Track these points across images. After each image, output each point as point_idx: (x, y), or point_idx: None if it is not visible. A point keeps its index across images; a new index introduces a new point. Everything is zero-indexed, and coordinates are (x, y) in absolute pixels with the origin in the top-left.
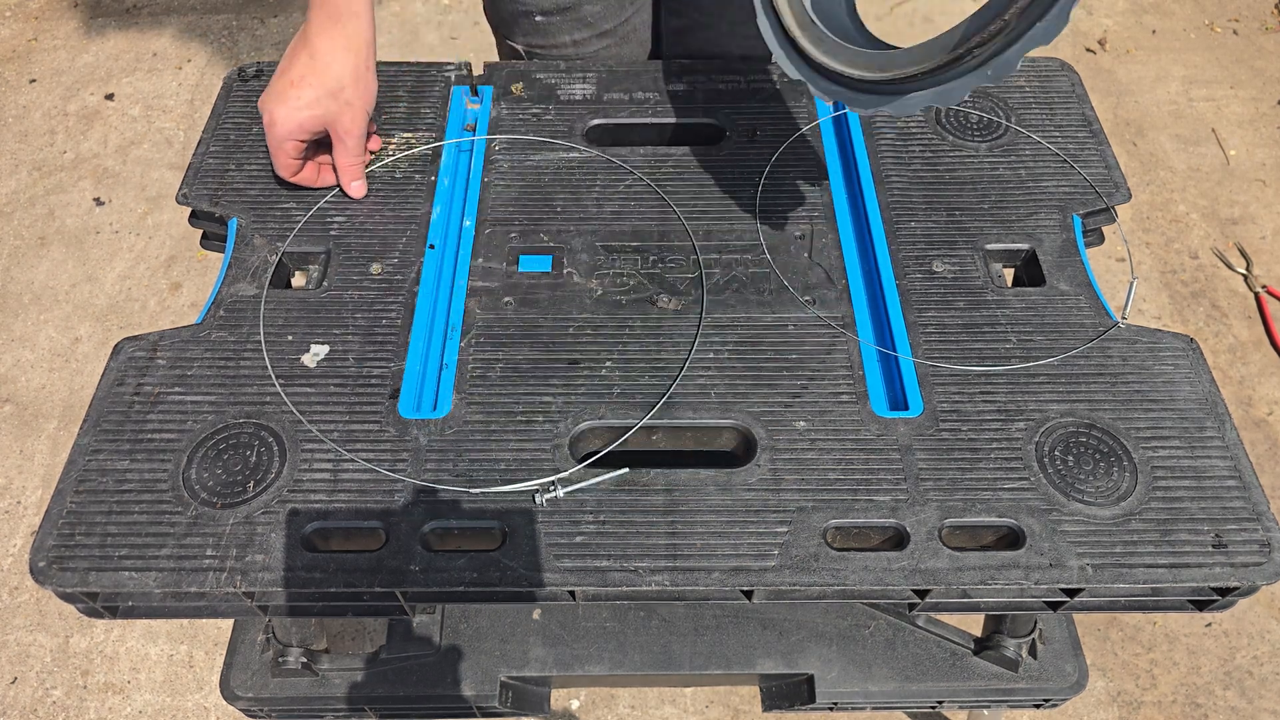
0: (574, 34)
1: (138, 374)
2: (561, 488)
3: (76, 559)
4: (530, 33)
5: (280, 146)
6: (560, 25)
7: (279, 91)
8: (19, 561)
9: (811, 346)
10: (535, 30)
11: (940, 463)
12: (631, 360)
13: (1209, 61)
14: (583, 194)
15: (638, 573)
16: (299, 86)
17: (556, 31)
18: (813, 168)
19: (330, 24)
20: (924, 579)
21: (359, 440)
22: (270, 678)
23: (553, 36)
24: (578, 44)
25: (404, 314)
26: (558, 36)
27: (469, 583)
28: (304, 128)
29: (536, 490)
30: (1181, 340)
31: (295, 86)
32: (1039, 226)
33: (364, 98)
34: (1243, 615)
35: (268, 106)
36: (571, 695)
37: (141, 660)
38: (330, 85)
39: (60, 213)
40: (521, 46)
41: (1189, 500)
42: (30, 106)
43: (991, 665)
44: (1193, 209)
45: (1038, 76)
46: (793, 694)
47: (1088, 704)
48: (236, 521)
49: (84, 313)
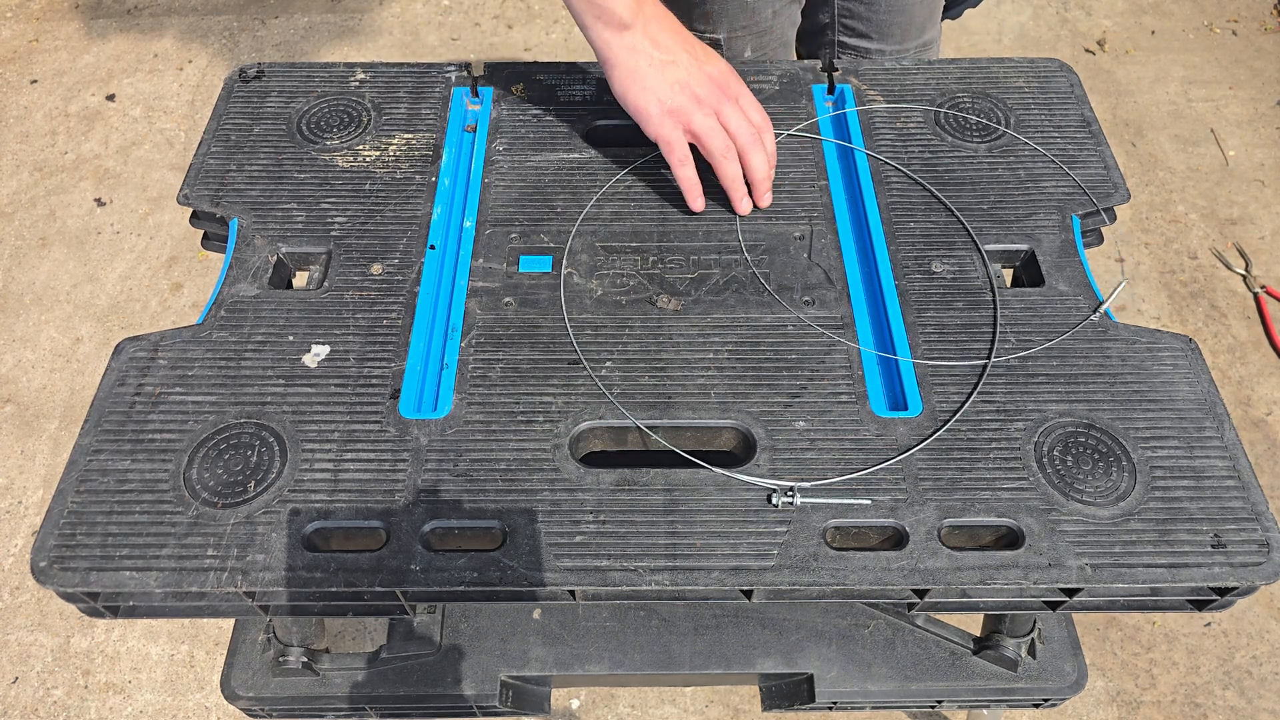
0: (775, 4)
1: (139, 374)
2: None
3: (77, 559)
4: (736, 15)
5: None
6: (766, 1)
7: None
8: (20, 561)
9: (811, 347)
10: (743, 10)
11: (940, 463)
12: (631, 360)
13: (1208, 62)
14: (583, 194)
15: (638, 572)
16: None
17: (763, 6)
18: (812, 168)
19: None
20: (923, 579)
21: (359, 440)
22: (271, 677)
23: (758, 12)
24: (776, 14)
25: (404, 314)
26: (762, 11)
27: (469, 582)
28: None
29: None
30: (1180, 340)
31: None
32: (1038, 227)
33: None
34: (1242, 615)
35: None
36: (571, 695)
37: (142, 660)
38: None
39: (61, 213)
40: (723, 35)
41: (1188, 500)
42: (31, 107)
43: (991, 665)
44: (1192, 209)
45: (1036, 77)
46: (792, 693)
47: (1087, 704)
48: (237, 521)
49: (85, 313)
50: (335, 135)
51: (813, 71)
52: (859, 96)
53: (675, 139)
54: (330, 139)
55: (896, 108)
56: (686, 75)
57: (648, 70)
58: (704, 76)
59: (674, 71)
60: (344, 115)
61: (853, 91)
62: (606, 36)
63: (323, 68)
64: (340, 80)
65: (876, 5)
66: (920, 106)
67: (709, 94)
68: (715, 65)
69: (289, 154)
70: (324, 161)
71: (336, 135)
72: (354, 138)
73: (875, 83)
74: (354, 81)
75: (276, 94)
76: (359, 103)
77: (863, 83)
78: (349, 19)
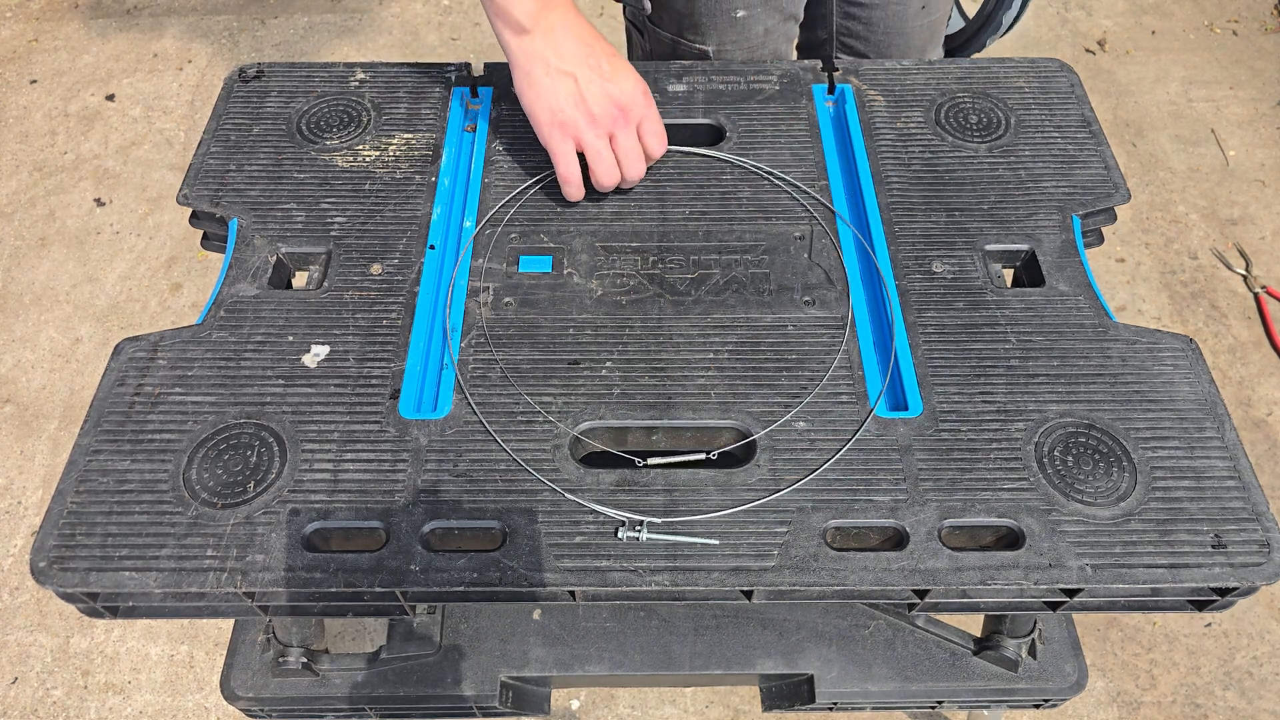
0: (766, 22)
1: (138, 374)
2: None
3: (77, 559)
4: (726, 29)
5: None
6: (759, 16)
7: (623, 69)
8: (19, 562)
9: (811, 347)
10: (733, 26)
11: (940, 463)
12: (631, 360)
13: (1208, 62)
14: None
15: (638, 573)
16: (615, 55)
17: (754, 23)
18: (813, 168)
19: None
20: (923, 579)
21: (359, 440)
22: (271, 678)
23: (748, 29)
24: (768, 32)
25: (404, 314)
26: (753, 28)
27: (469, 583)
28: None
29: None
30: (1181, 340)
31: (614, 55)
32: (1038, 227)
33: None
34: (1242, 615)
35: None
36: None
37: (142, 660)
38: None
39: (61, 213)
40: (712, 47)
41: (1188, 500)
42: (31, 107)
43: (991, 665)
44: (1192, 209)
45: (1037, 77)
46: (793, 694)
47: (1087, 704)
48: (237, 522)
49: (85, 313)
50: (335, 135)
51: (813, 71)
52: (859, 96)
53: (562, 152)
54: (330, 139)
55: (897, 108)
56: (584, 90)
57: (543, 78)
58: (603, 94)
59: (569, 84)
60: (344, 115)
61: (853, 91)
62: (507, 36)
63: (323, 68)
64: (340, 80)
65: (874, 26)
66: (920, 106)
67: (605, 113)
68: (621, 84)
69: (289, 154)
70: (324, 161)
71: (336, 135)
72: (354, 138)
73: (875, 83)
74: (354, 81)
75: (276, 94)
76: (359, 103)
77: (863, 83)
78: (349, 19)
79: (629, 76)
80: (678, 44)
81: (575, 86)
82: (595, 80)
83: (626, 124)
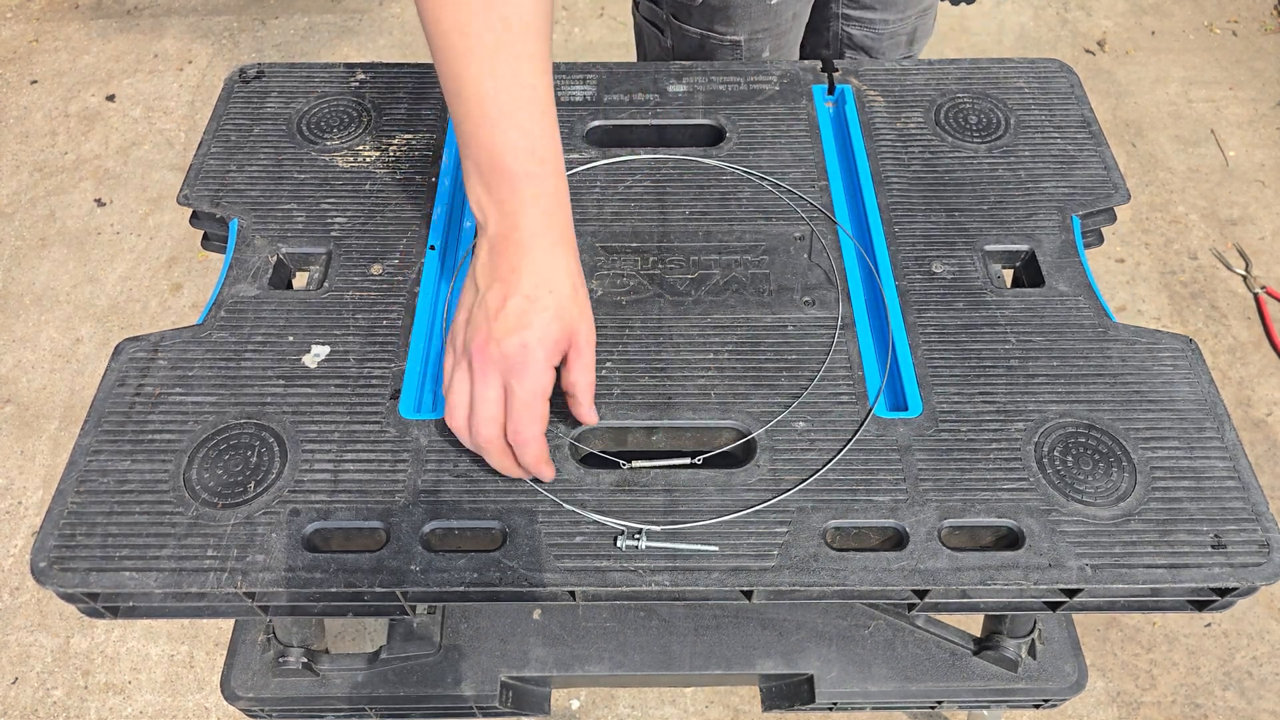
0: (795, 6)
1: (139, 374)
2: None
3: (77, 559)
4: (759, 17)
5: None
6: (788, 3)
7: (518, 316)
8: (20, 562)
9: (811, 347)
10: (766, 14)
11: (940, 463)
12: (631, 360)
13: (1208, 62)
14: (583, 194)
15: (638, 573)
16: (537, 301)
17: (785, 9)
18: (812, 168)
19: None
20: (923, 579)
21: (359, 440)
22: (271, 678)
23: (780, 15)
24: (796, 17)
25: (405, 315)
26: (784, 14)
27: (469, 583)
28: (560, 349)
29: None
30: (1180, 341)
31: (535, 302)
32: (1038, 227)
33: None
34: (1242, 616)
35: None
36: (572, 695)
37: (142, 660)
38: (566, 289)
39: (61, 214)
40: (743, 37)
41: (1188, 501)
42: (31, 107)
43: (991, 665)
44: (1192, 210)
45: (1037, 77)
46: (793, 694)
47: (1087, 704)
48: (237, 522)
49: (85, 313)
50: (335, 135)
51: (813, 72)
52: (859, 97)
53: (445, 365)
54: (330, 139)
55: (897, 108)
56: (473, 317)
57: (467, 277)
58: (481, 334)
59: (470, 302)
60: (344, 115)
61: (852, 92)
62: (473, 212)
63: (323, 68)
64: (340, 80)
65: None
66: (920, 107)
67: (471, 353)
68: (505, 324)
69: (289, 154)
70: (324, 162)
71: (336, 135)
72: (354, 138)
73: (875, 83)
74: (354, 81)
75: (276, 94)
76: (359, 103)
77: (862, 83)
78: (349, 19)
79: (517, 330)
80: (706, 38)
81: (471, 303)
82: (484, 308)
83: (483, 373)
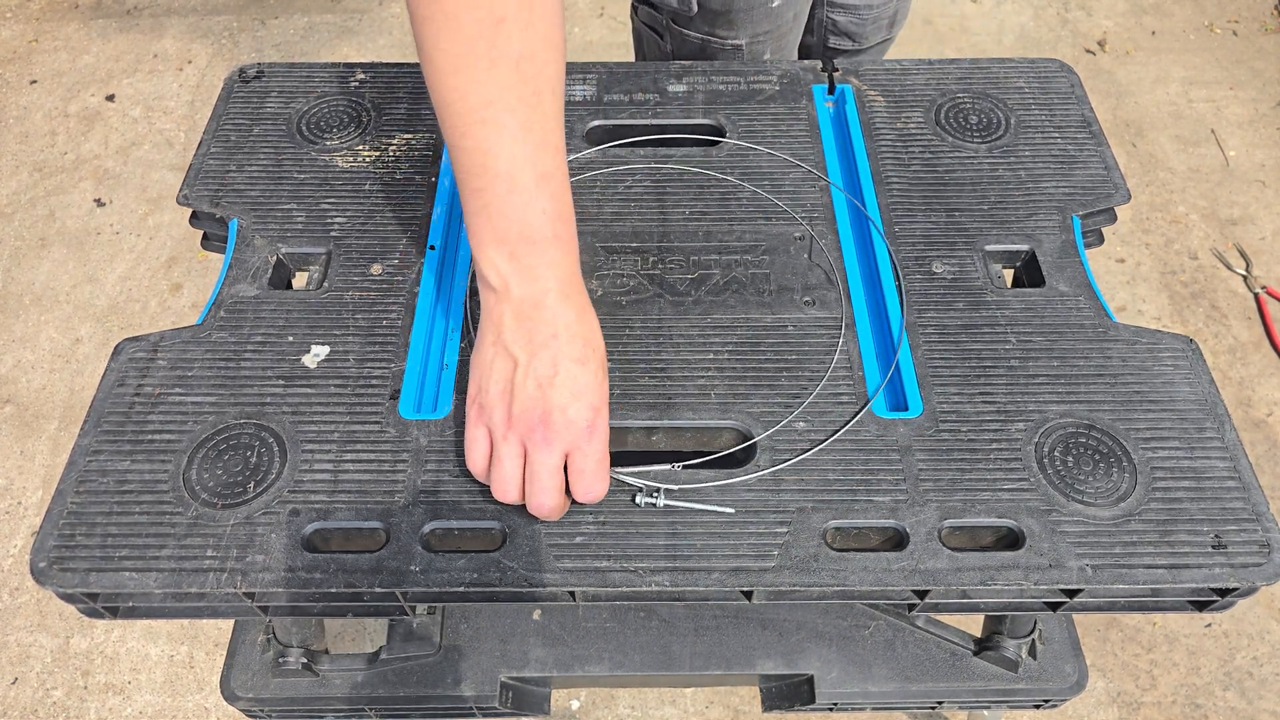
0: (795, 7)
1: (138, 375)
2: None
3: (77, 559)
4: (761, 20)
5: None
6: (789, 4)
7: (574, 382)
8: (19, 562)
9: (811, 347)
10: (768, 16)
11: (940, 463)
12: (631, 361)
13: (1209, 62)
14: (583, 194)
15: (638, 573)
16: (587, 364)
17: (786, 10)
18: (813, 168)
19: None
20: (924, 579)
21: (359, 441)
22: (270, 678)
23: (781, 17)
24: (796, 17)
25: (404, 315)
26: (785, 15)
27: (469, 583)
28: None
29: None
30: (1181, 341)
31: (585, 364)
32: (1038, 227)
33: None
34: (1242, 616)
35: (577, 407)
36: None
37: (142, 661)
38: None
39: (61, 214)
40: (745, 40)
41: (1189, 501)
42: (31, 107)
43: (991, 666)
44: (1192, 210)
45: (1037, 77)
46: (793, 694)
47: (1087, 704)
48: (237, 522)
49: (85, 313)
50: (335, 135)
51: (813, 71)
52: (859, 97)
53: (473, 437)
54: (330, 139)
55: (897, 108)
56: (518, 381)
57: (490, 345)
58: (535, 397)
59: (508, 367)
60: (344, 115)
61: (852, 92)
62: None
63: (323, 68)
64: (340, 80)
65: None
66: (920, 107)
67: (525, 418)
68: (560, 395)
69: (289, 154)
70: (324, 162)
71: (336, 135)
72: (354, 138)
73: (875, 83)
74: (354, 81)
75: (276, 94)
76: (359, 103)
77: (863, 83)
78: (349, 19)
79: (580, 394)
80: (708, 43)
81: (512, 373)
82: (535, 377)
83: (546, 443)
